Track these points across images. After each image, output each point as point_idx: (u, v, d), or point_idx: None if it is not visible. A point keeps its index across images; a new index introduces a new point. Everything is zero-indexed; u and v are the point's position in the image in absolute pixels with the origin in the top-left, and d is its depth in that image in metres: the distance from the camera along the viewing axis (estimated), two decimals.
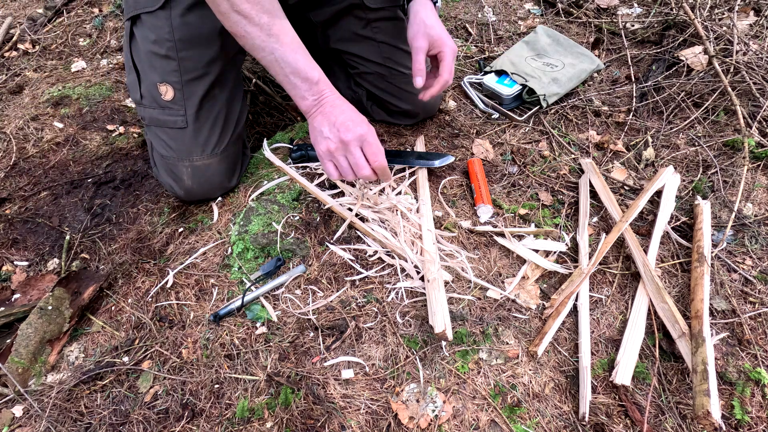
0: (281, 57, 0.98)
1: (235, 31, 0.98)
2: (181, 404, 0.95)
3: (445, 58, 1.13)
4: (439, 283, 1.03)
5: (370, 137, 1.02)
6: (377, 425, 0.90)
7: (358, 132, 1.00)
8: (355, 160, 1.02)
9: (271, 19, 0.96)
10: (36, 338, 1.00)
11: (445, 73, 1.14)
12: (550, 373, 0.97)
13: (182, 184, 1.23)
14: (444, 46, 1.13)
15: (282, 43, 0.97)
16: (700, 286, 1.02)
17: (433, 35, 1.12)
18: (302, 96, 1.02)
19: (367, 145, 1.02)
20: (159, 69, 1.15)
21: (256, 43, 0.97)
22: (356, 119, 1.02)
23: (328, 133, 1.01)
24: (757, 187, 1.26)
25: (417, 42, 1.12)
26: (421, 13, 1.13)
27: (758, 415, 0.91)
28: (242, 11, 0.94)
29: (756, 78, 1.45)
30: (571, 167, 1.36)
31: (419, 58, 1.13)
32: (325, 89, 1.03)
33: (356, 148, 1.01)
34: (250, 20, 0.95)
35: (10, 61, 1.91)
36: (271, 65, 1.00)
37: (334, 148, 1.02)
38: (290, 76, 1.00)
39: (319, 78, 1.02)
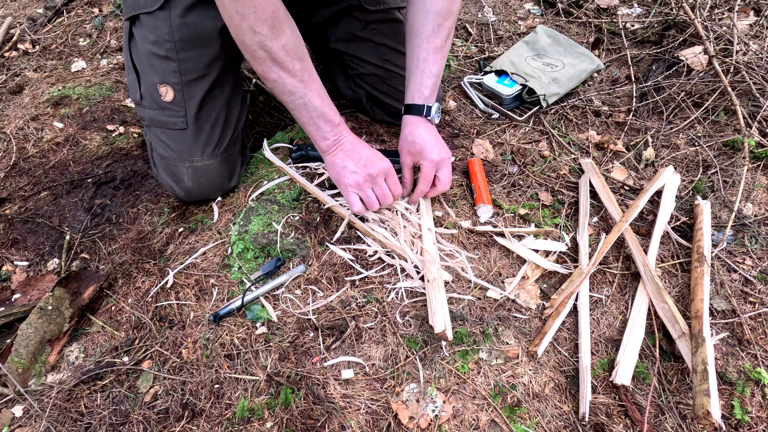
0: (309, 101, 1.04)
1: (268, 76, 1.01)
2: (181, 404, 0.95)
3: (423, 170, 1.15)
4: (439, 283, 1.03)
5: (391, 171, 1.12)
6: (377, 425, 0.90)
7: (383, 166, 1.10)
8: (382, 191, 1.11)
9: (303, 65, 1.01)
10: (36, 338, 1.00)
11: (420, 184, 1.16)
12: (550, 373, 0.97)
13: (182, 185, 1.23)
14: (423, 159, 1.14)
15: (311, 90, 1.03)
16: (700, 286, 1.02)
17: (413, 150, 1.15)
18: (324, 136, 1.08)
19: (390, 177, 1.12)
20: (159, 70, 1.15)
21: (288, 88, 1.02)
22: (378, 155, 1.11)
23: (354, 168, 1.08)
24: (757, 187, 1.26)
25: (402, 157, 1.19)
26: (407, 129, 1.16)
27: (758, 415, 0.91)
28: (278, 59, 0.97)
29: (756, 78, 1.45)
30: (571, 167, 1.36)
31: (405, 174, 1.20)
32: (344, 130, 1.10)
33: (382, 180, 1.11)
34: (285, 67, 0.99)
35: (10, 61, 1.91)
36: (297, 108, 1.05)
37: (362, 181, 1.09)
38: (315, 119, 1.06)
39: (340, 121, 1.10)
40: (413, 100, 1.16)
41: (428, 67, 1.14)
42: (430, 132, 1.16)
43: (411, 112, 1.16)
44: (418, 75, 1.15)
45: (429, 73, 1.14)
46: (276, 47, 0.96)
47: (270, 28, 0.94)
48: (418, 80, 1.15)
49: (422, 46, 1.13)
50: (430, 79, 1.15)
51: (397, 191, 1.13)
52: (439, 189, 1.18)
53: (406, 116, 1.17)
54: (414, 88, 1.15)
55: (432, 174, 1.15)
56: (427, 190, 1.17)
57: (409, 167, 1.18)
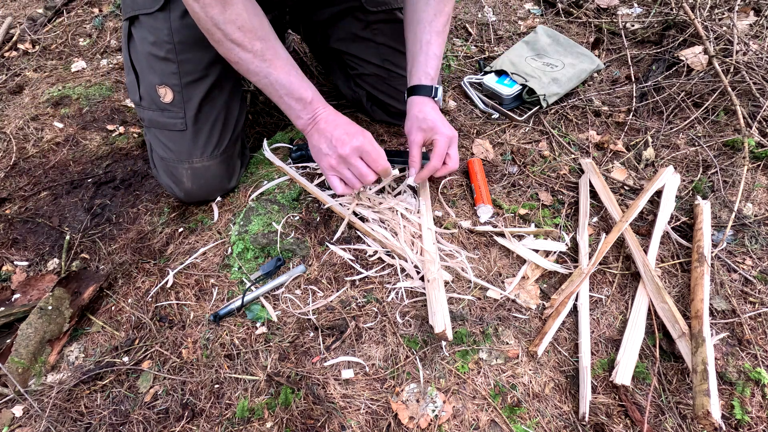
0: (275, 80, 1.01)
1: (229, 57, 1.00)
2: (181, 404, 0.95)
3: (436, 145, 1.12)
4: (439, 283, 1.03)
5: (367, 146, 1.04)
6: (377, 425, 0.90)
7: (355, 144, 1.02)
8: (358, 170, 1.04)
9: (264, 44, 0.99)
10: (36, 338, 1.00)
11: (433, 160, 1.13)
12: (550, 373, 0.97)
13: (182, 186, 1.23)
14: (436, 134, 1.12)
15: (275, 67, 1.00)
16: (700, 286, 1.02)
17: (425, 127, 1.13)
18: (297, 115, 1.05)
19: (366, 155, 1.04)
20: (158, 71, 1.15)
21: (250, 68, 1.00)
22: (351, 131, 1.04)
23: (327, 149, 1.04)
24: (757, 187, 1.26)
25: (411, 136, 1.15)
26: (415, 109, 1.14)
27: (758, 415, 0.91)
28: (235, 39, 0.96)
29: (756, 78, 1.45)
30: (571, 167, 1.36)
31: (413, 152, 1.15)
32: (317, 107, 1.05)
33: (356, 159, 1.04)
34: (243, 47, 0.97)
35: (10, 61, 1.91)
36: (266, 88, 1.03)
37: (335, 163, 1.05)
38: (284, 97, 1.03)
39: (313, 97, 1.04)
40: (420, 81, 1.15)
41: (432, 50, 1.14)
42: (438, 111, 1.15)
43: (418, 92, 1.15)
44: (422, 57, 1.14)
45: (433, 55, 1.14)
46: (230, 28, 0.94)
47: (221, 11, 0.93)
48: (423, 61, 1.14)
49: (425, 30, 1.13)
50: (435, 60, 1.15)
51: (378, 167, 1.05)
52: (449, 167, 1.16)
53: (413, 97, 1.16)
54: (420, 69, 1.15)
55: (446, 149, 1.13)
56: (440, 166, 1.14)
57: (419, 145, 1.14)
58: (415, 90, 1.16)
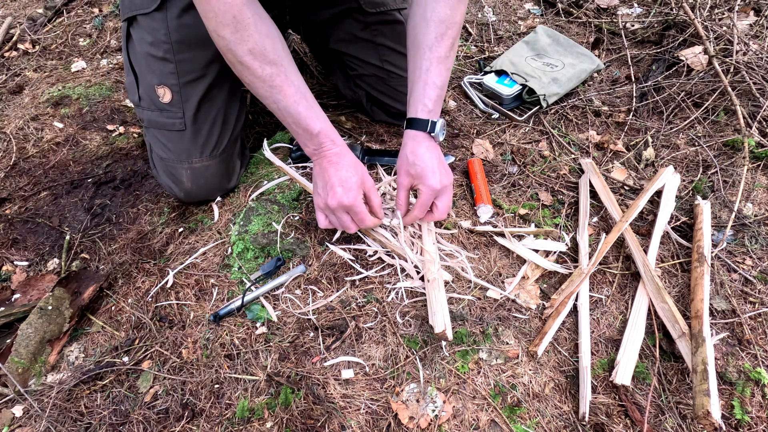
0: (284, 107, 0.99)
1: (241, 78, 1.00)
2: (181, 404, 0.95)
3: (420, 196, 1.05)
4: (439, 283, 1.03)
5: (357, 206, 1.01)
6: (377, 425, 0.90)
7: (344, 202, 1.00)
8: (342, 222, 1.05)
9: (275, 69, 0.96)
10: (36, 338, 1.00)
11: (415, 210, 1.06)
12: (550, 373, 0.97)
13: (182, 186, 1.23)
14: (422, 184, 1.04)
15: (285, 95, 0.98)
16: (700, 286, 1.02)
17: (413, 173, 1.05)
18: (304, 144, 1.05)
19: (354, 214, 1.03)
20: (156, 71, 1.15)
21: (260, 92, 1.00)
22: (347, 184, 1.00)
23: (320, 191, 1.04)
24: (757, 187, 1.26)
25: (399, 177, 1.08)
26: (408, 146, 1.06)
27: (758, 415, 0.91)
28: (245, 63, 0.95)
29: (756, 78, 1.45)
30: (571, 167, 1.36)
31: (399, 194, 1.09)
32: (324, 141, 1.02)
33: (342, 214, 1.03)
34: (253, 72, 0.96)
35: (10, 61, 1.91)
36: (276, 113, 1.03)
37: (323, 207, 1.04)
38: (292, 125, 1.02)
39: (320, 130, 1.01)
40: (416, 114, 1.05)
41: (431, 78, 1.04)
42: (433, 153, 1.05)
43: (413, 126, 1.05)
44: (420, 86, 1.05)
45: (432, 84, 1.04)
46: (241, 51, 0.93)
47: (232, 32, 0.91)
48: (420, 92, 1.05)
49: (424, 56, 1.04)
50: (434, 91, 1.05)
51: (363, 225, 1.06)
52: (434, 216, 1.08)
53: (408, 131, 1.07)
54: (417, 101, 1.05)
55: (429, 201, 1.06)
56: (422, 216, 1.08)
57: (406, 188, 1.08)
58: (411, 123, 1.06)
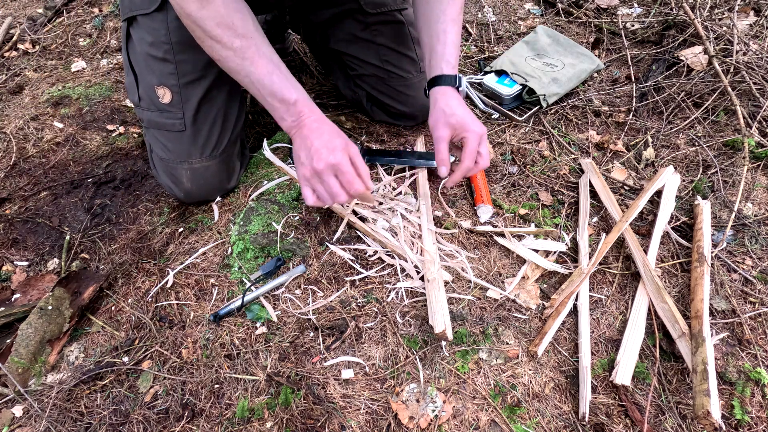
0: (257, 79, 0.97)
1: (212, 54, 0.98)
2: (181, 404, 0.95)
3: (467, 143, 1.05)
4: (439, 283, 1.03)
5: (344, 166, 0.96)
6: (377, 425, 0.90)
7: (331, 161, 0.95)
8: (329, 188, 0.97)
9: (245, 42, 0.95)
10: (36, 338, 1.00)
11: (465, 160, 1.06)
12: (550, 373, 0.97)
13: (182, 187, 1.23)
14: (466, 131, 1.05)
15: (257, 66, 0.96)
16: (700, 286, 1.02)
17: (454, 123, 1.06)
18: (281, 117, 1.01)
19: (341, 174, 0.97)
20: (156, 72, 1.15)
21: (231, 66, 0.97)
22: (331, 145, 0.97)
23: (304, 159, 0.98)
24: (757, 187, 1.26)
25: (438, 131, 1.08)
26: (441, 102, 1.08)
27: (758, 415, 0.91)
28: (215, 37, 0.93)
29: (756, 78, 1.45)
30: (571, 167, 1.36)
31: (441, 148, 1.08)
32: (303, 110, 1.00)
33: (330, 177, 0.97)
34: (224, 45, 0.94)
35: (10, 61, 1.91)
36: (249, 87, 1.00)
37: (309, 175, 0.98)
38: (267, 97, 0.99)
39: (297, 98, 0.99)
40: (442, 71, 1.10)
41: (450, 38, 1.11)
42: (464, 104, 1.10)
43: (441, 83, 1.10)
44: (440, 46, 1.10)
45: (452, 43, 1.11)
46: (209, 25, 0.92)
47: (199, 7, 0.90)
48: (441, 51, 1.10)
49: (440, 19, 1.10)
50: (453, 49, 1.11)
51: (352, 189, 0.98)
52: (481, 165, 1.09)
53: (436, 88, 1.10)
54: (440, 59, 1.10)
55: (477, 147, 1.06)
56: (472, 166, 1.08)
57: (446, 141, 1.08)
58: (437, 81, 1.10)
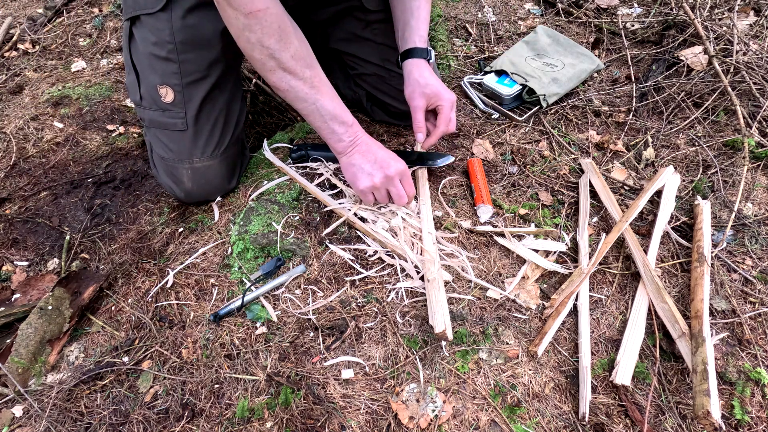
0: (321, 106, 1.05)
1: (279, 85, 1.04)
2: (181, 404, 0.95)
3: (442, 110, 1.18)
4: (439, 283, 1.03)
5: (407, 172, 1.13)
6: (377, 425, 0.90)
7: (399, 168, 1.11)
8: (398, 191, 1.12)
9: (312, 72, 1.04)
10: (36, 338, 1.00)
11: (441, 125, 1.18)
12: (550, 373, 0.97)
13: (182, 186, 1.23)
14: (441, 99, 1.17)
15: (322, 94, 1.05)
16: (700, 286, 1.02)
17: (429, 92, 1.17)
18: (339, 139, 1.10)
19: (405, 179, 1.13)
20: (159, 71, 1.15)
21: (299, 95, 1.04)
22: (393, 156, 1.12)
23: (371, 170, 1.10)
24: (757, 187, 1.26)
25: (414, 101, 1.18)
26: (415, 73, 1.18)
27: (758, 415, 0.91)
28: (289, 69, 1.01)
29: (756, 78, 1.45)
30: (571, 167, 1.36)
31: (418, 116, 1.18)
32: (359, 131, 1.11)
33: (398, 181, 1.12)
34: (295, 75, 1.02)
35: (10, 61, 1.91)
36: (311, 113, 1.07)
37: (379, 183, 1.10)
38: (329, 122, 1.08)
39: (354, 121, 1.11)
40: (415, 44, 1.20)
41: (422, 15, 1.20)
42: (435, 75, 1.19)
43: (414, 55, 1.19)
44: (414, 21, 1.20)
45: (423, 19, 1.21)
46: (285, 57, 0.99)
47: (278, 41, 0.97)
48: (415, 26, 1.20)
49: None
50: (425, 24, 1.21)
51: (412, 191, 1.15)
52: (450, 129, 1.21)
53: (410, 60, 1.19)
54: (414, 33, 1.20)
55: (450, 113, 1.18)
56: (447, 129, 1.20)
57: (423, 110, 1.18)
58: (410, 53, 1.20)
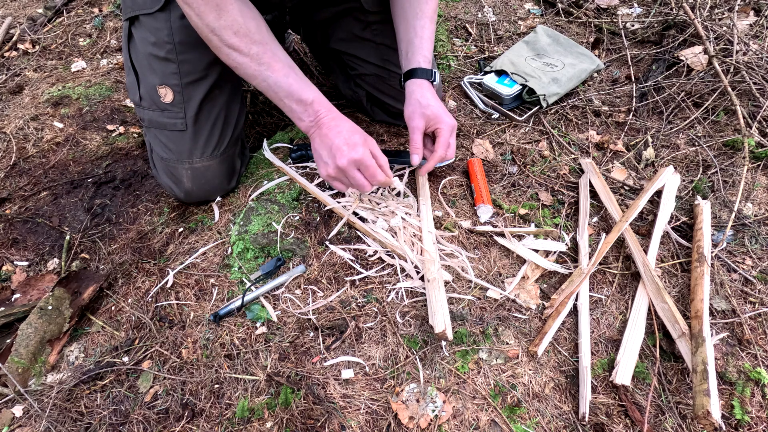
0: (274, 82, 1.01)
1: (228, 62, 1.02)
2: (181, 404, 0.95)
3: (441, 134, 1.14)
4: (439, 283, 1.03)
5: (366, 159, 1.02)
6: (377, 425, 0.90)
7: (354, 156, 1.01)
8: (355, 182, 1.04)
9: (262, 48, 0.99)
10: (36, 338, 1.00)
11: (440, 149, 1.14)
12: (550, 373, 0.97)
13: (182, 186, 1.23)
14: (440, 123, 1.13)
15: (273, 70, 1.01)
16: (700, 286, 1.02)
17: (429, 114, 1.13)
18: (299, 117, 1.05)
19: (364, 168, 1.03)
20: (158, 71, 1.15)
21: (248, 72, 1.01)
22: (352, 140, 1.02)
23: (326, 158, 1.03)
24: (757, 187, 1.26)
25: (413, 122, 1.15)
26: (416, 93, 1.15)
27: (758, 415, 0.91)
28: (232, 45, 0.98)
29: (756, 78, 1.45)
30: (571, 167, 1.36)
31: (416, 137, 1.15)
32: (320, 109, 1.04)
33: (354, 171, 1.03)
34: (241, 52, 0.99)
35: (10, 61, 1.91)
36: (266, 91, 1.04)
37: (333, 173, 1.04)
38: (285, 99, 1.03)
39: (314, 98, 1.03)
40: (419, 64, 1.16)
41: (426, 34, 1.17)
42: (437, 97, 1.17)
43: (417, 76, 1.16)
44: (418, 40, 1.16)
45: (428, 38, 1.17)
46: (226, 33, 0.96)
47: (216, 18, 0.94)
48: (419, 45, 1.16)
49: (417, 16, 1.16)
50: (430, 44, 1.18)
51: (375, 180, 1.05)
52: (449, 155, 1.17)
53: (412, 80, 1.17)
54: (417, 52, 1.17)
55: (448, 138, 1.15)
56: (444, 155, 1.16)
57: (421, 131, 1.15)
58: (413, 73, 1.17)
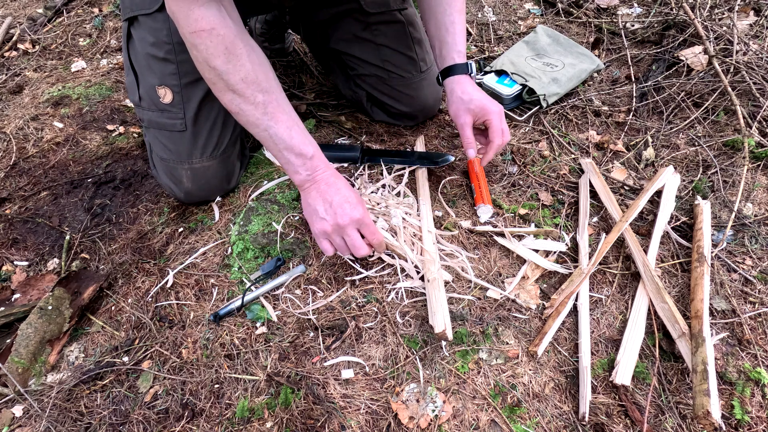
0: (275, 134, 0.98)
1: (229, 107, 0.98)
2: (181, 404, 0.95)
3: (492, 124, 1.16)
4: (439, 282, 1.03)
5: (366, 219, 1.01)
6: (377, 425, 0.90)
7: (355, 216, 0.99)
8: (352, 241, 1.00)
9: (267, 98, 0.97)
10: (36, 338, 1.00)
11: (496, 138, 1.16)
12: (550, 373, 0.97)
13: (182, 187, 1.23)
14: (488, 113, 1.15)
15: (277, 121, 0.98)
16: (700, 286, 1.02)
17: (474, 108, 1.16)
18: (295, 170, 1.01)
19: (365, 227, 1.01)
20: (157, 72, 1.15)
21: (249, 119, 0.98)
22: (352, 200, 1.00)
23: (324, 214, 1.00)
24: (757, 187, 1.26)
25: (460, 119, 1.18)
26: (457, 90, 1.17)
27: (758, 415, 0.91)
28: (238, 91, 0.94)
29: (756, 78, 1.45)
30: (571, 167, 1.36)
31: (466, 133, 1.18)
32: (319, 164, 1.02)
33: (353, 230, 1.00)
34: (245, 99, 0.95)
35: (10, 61, 1.91)
36: (264, 140, 1.00)
37: (330, 230, 1.00)
38: (284, 151, 1.00)
39: (314, 153, 1.01)
40: (454, 60, 1.18)
41: (458, 29, 1.18)
42: (478, 88, 1.18)
43: (455, 72, 1.18)
44: (451, 37, 1.18)
45: (460, 33, 1.19)
46: (234, 80, 0.93)
47: (225, 62, 0.91)
48: (451, 41, 1.18)
49: (447, 11, 1.18)
50: (462, 38, 1.19)
51: (374, 240, 1.03)
52: (505, 140, 1.18)
53: (451, 77, 1.18)
54: (451, 49, 1.18)
55: (500, 125, 1.16)
56: (502, 142, 1.17)
57: (470, 126, 1.18)
58: (451, 70, 1.18)
